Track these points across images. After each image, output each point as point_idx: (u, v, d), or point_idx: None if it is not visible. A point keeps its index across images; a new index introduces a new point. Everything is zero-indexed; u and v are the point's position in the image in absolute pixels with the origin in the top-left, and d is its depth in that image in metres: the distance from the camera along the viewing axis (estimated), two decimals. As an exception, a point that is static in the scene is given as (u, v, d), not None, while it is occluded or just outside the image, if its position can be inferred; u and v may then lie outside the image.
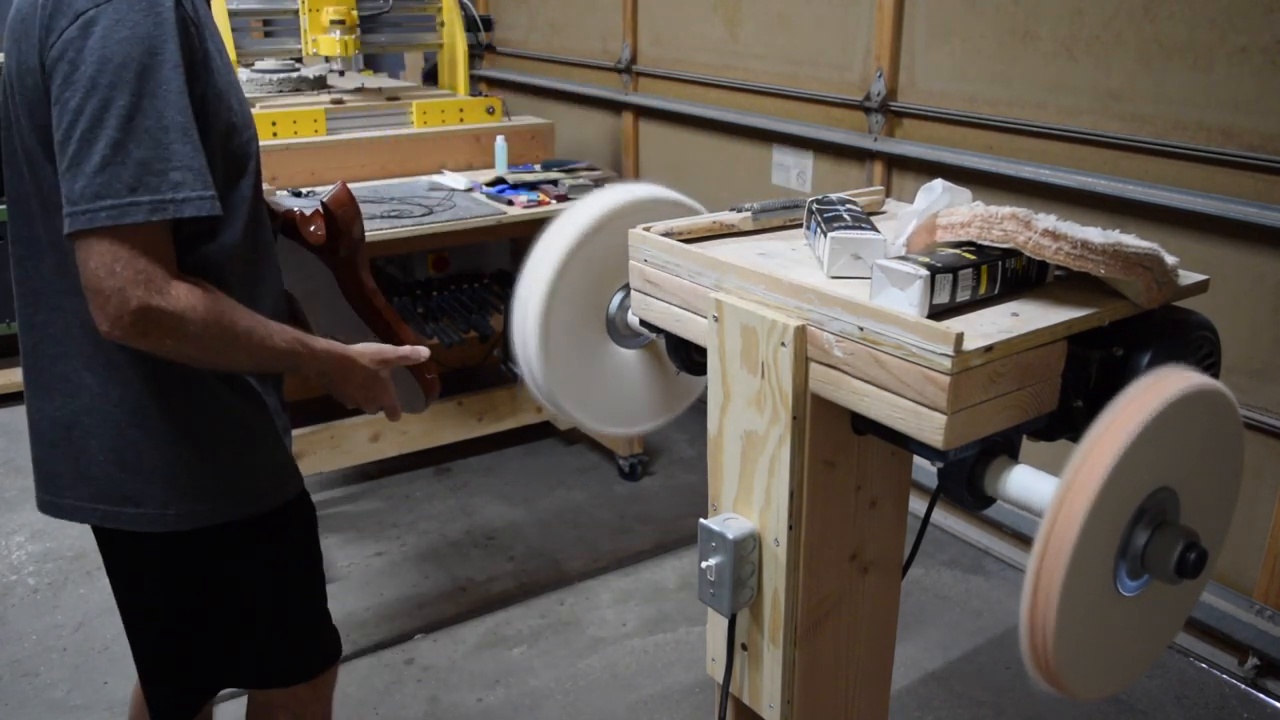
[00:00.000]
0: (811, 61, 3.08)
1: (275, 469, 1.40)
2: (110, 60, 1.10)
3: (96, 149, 1.09)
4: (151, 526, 1.30)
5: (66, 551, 2.90)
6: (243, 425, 1.34)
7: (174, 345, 1.17)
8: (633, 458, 3.32)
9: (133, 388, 1.26)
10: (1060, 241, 1.01)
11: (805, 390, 1.06)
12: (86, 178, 1.09)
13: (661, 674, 2.40)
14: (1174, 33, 2.20)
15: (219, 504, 1.33)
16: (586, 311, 1.46)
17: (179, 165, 1.13)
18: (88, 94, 1.10)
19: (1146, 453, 0.88)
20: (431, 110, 3.22)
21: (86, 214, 1.09)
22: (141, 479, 1.29)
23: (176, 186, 1.12)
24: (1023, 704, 2.28)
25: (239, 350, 1.22)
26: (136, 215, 1.10)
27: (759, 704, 1.22)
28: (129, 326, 1.13)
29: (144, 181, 1.11)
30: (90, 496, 1.31)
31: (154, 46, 1.12)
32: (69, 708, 2.29)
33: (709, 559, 1.15)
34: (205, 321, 1.17)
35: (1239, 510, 1.09)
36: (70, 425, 1.30)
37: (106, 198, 1.09)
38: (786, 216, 1.34)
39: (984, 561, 2.86)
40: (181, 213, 1.13)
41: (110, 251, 1.10)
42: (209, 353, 1.20)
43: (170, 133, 1.12)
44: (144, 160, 1.11)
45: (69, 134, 1.10)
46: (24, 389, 1.36)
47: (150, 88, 1.11)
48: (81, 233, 1.10)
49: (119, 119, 1.10)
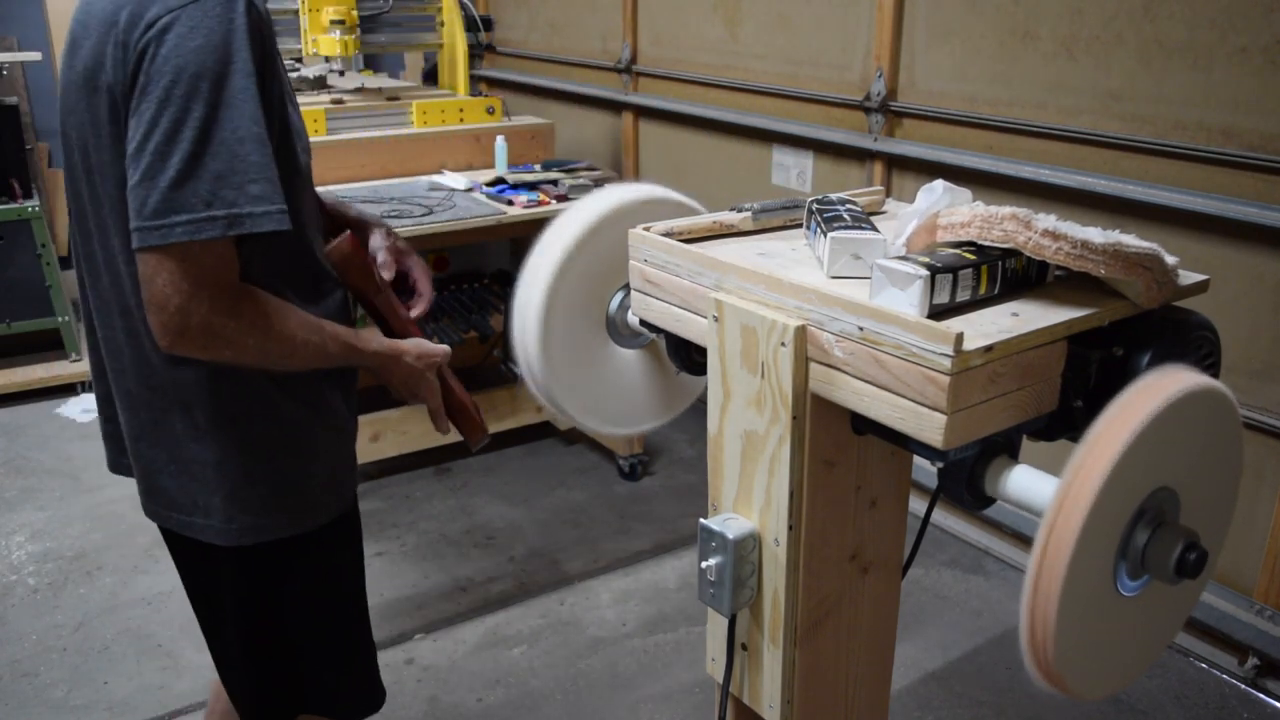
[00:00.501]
0: (811, 61, 3.08)
1: (334, 480, 1.38)
2: (185, 70, 1.08)
3: (172, 162, 1.07)
4: (219, 539, 1.30)
5: (66, 551, 2.90)
6: (303, 437, 1.33)
7: (232, 355, 1.16)
8: (633, 458, 3.32)
9: (191, 404, 1.25)
10: (1060, 241, 1.01)
11: (805, 390, 1.06)
12: (161, 192, 1.07)
13: (661, 674, 2.40)
14: (1174, 33, 2.19)
15: (280, 518, 1.31)
16: (586, 311, 1.46)
17: (255, 178, 1.11)
18: (162, 105, 1.08)
19: (1146, 453, 0.88)
20: (431, 110, 3.22)
21: (160, 229, 1.07)
22: (207, 491, 1.28)
23: (255, 200, 1.10)
24: (1023, 704, 2.28)
25: (294, 358, 1.22)
26: (212, 231, 1.08)
27: (759, 704, 1.22)
28: (190, 342, 1.12)
29: (219, 195, 1.09)
30: (164, 504, 1.31)
31: (228, 54, 1.10)
32: (69, 708, 2.29)
33: (709, 559, 1.15)
34: (265, 334, 1.16)
35: (1239, 510, 1.09)
36: (137, 438, 1.30)
37: (182, 212, 1.07)
38: (786, 216, 1.34)
39: (984, 561, 2.86)
40: (259, 227, 1.11)
41: (179, 268, 1.09)
42: (265, 360, 1.20)
43: (246, 144, 1.10)
44: (220, 173, 1.09)
45: (143, 146, 1.08)
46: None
47: (225, 97, 1.09)
48: (150, 248, 1.08)
49: (195, 131, 1.08)
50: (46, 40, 4.23)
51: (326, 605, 1.44)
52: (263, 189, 1.11)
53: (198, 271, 1.10)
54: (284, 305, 1.20)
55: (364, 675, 1.52)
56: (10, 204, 3.82)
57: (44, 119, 5.31)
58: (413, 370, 1.40)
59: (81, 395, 3.96)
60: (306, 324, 1.23)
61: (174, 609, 2.64)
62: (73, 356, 4.02)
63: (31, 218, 3.83)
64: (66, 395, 3.97)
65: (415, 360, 1.40)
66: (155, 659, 2.45)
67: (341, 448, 1.40)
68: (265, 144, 1.12)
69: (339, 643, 1.48)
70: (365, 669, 1.52)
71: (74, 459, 3.45)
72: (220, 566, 1.35)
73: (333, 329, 1.27)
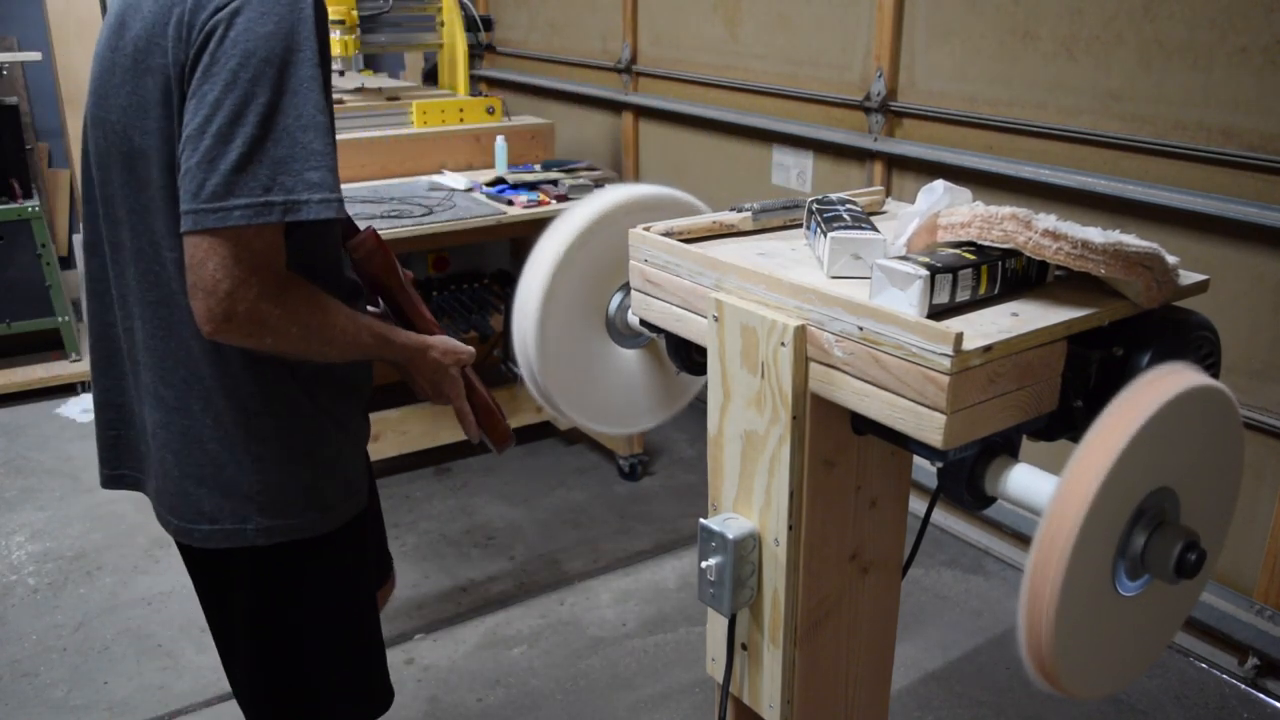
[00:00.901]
0: (811, 61, 3.08)
1: (348, 483, 1.38)
2: (253, 55, 1.07)
3: (234, 146, 1.06)
4: (227, 543, 1.29)
5: (66, 551, 2.90)
6: (323, 440, 1.32)
7: (273, 343, 1.15)
8: (633, 458, 3.32)
9: (214, 401, 1.24)
10: (1060, 241, 1.01)
11: (805, 390, 1.06)
12: (221, 175, 1.06)
13: (661, 674, 2.40)
14: (1174, 33, 2.20)
15: (296, 521, 1.31)
16: (586, 311, 1.46)
17: (316, 165, 1.10)
18: (228, 88, 1.07)
19: (1146, 452, 0.88)
20: (431, 110, 3.22)
21: (218, 212, 1.06)
22: (220, 494, 1.27)
23: (313, 187, 1.09)
24: (1023, 704, 2.28)
25: (331, 347, 1.21)
26: (270, 216, 1.08)
27: (759, 704, 1.22)
28: (235, 327, 1.11)
29: (278, 181, 1.08)
30: (168, 508, 1.31)
31: (296, 42, 1.09)
32: (69, 708, 2.29)
33: (709, 559, 1.15)
34: (307, 322, 1.16)
35: (1239, 510, 1.09)
36: (150, 435, 1.29)
37: (241, 196, 1.06)
38: (786, 216, 1.34)
39: (984, 561, 2.86)
40: (315, 215, 1.10)
41: (232, 253, 1.08)
42: (303, 348, 1.19)
43: (309, 131, 1.10)
44: (281, 159, 1.08)
45: (204, 128, 1.07)
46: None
47: (292, 84, 1.09)
48: (205, 230, 1.07)
49: (259, 116, 1.07)
50: (46, 40, 4.23)
51: (340, 607, 1.44)
52: (321, 177, 1.10)
53: (250, 257, 1.09)
54: (325, 295, 1.20)
55: (375, 675, 1.52)
56: (10, 204, 3.82)
57: (44, 119, 5.31)
58: (440, 365, 1.40)
59: (81, 395, 3.96)
60: (344, 314, 1.23)
61: (174, 609, 2.64)
62: (73, 356, 4.02)
63: (31, 218, 3.83)
64: (66, 395, 3.97)
65: (441, 355, 1.40)
66: (155, 659, 2.45)
67: (357, 452, 1.40)
68: (328, 132, 1.12)
69: (352, 644, 1.47)
70: (376, 669, 1.52)
71: (74, 459, 3.45)
72: (234, 569, 1.35)
73: (367, 320, 1.27)
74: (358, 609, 1.47)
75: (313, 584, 1.39)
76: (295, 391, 1.27)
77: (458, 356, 1.41)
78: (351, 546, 1.43)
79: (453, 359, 1.41)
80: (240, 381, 1.24)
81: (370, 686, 1.51)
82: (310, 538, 1.33)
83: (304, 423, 1.29)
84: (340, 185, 1.14)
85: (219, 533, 1.29)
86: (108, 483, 1.42)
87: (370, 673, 1.51)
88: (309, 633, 1.41)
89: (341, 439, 1.35)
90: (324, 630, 1.43)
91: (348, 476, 1.38)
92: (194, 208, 1.07)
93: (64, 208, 5.41)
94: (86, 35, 4.17)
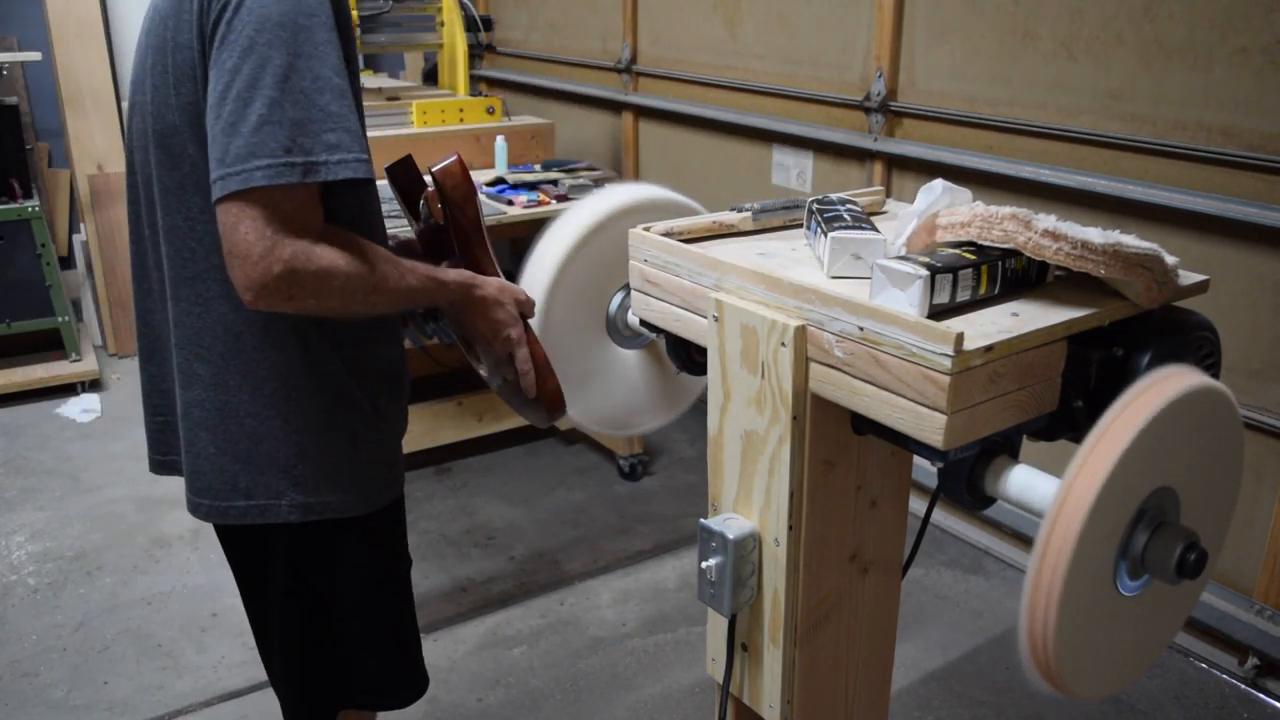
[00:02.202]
0: (811, 61, 3.08)
1: (387, 465, 1.38)
2: (268, 20, 1.09)
3: (253, 108, 1.08)
4: (262, 518, 1.29)
5: (66, 551, 2.90)
6: (363, 419, 1.32)
7: (316, 304, 1.15)
8: (633, 458, 3.32)
9: (252, 374, 1.24)
10: (1060, 241, 1.01)
11: (805, 390, 1.06)
12: (243, 137, 1.07)
13: (661, 674, 2.40)
14: (1174, 33, 2.20)
15: (332, 499, 1.30)
16: (587, 311, 1.46)
17: (334, 126, 1.11)
18: (245, 54, 1.08)
19: (1147, 453, 0.88)
20: (431, 110, 3.22)
21: (240, 174, 1.07)
22: (255, 469, 1.27)
23: (332, 148, 1.10)
24: (1023, 704, 2.28)
25: (378, 296, 1.19)
26: (290, 177, 1.08)
27: (759, 704, 1.22)
28: (273, 291, 1.10)
29: (298, 142, 1.09)
30: (197, 490, 1.30)
31: (310, 7, 1.11)
32: (69, 708, 2.29)
33: (709, 559, 1.15)
34: (348, 275, 1.14)
35: (1239, 510, 1.09)
36: (182, 416, 1.29)
37: (262, 157, 1.07)
38: (786, 216, 1.34)
39: (984, 561, 2.86)
40: (336, 175, 1.11)
41: (261, 214, 1.08)
42: (350, 304, 1.18)
43: (325, 94, 1.11)
44: (299, 120, 1.09)
45: (224, 94, 1.09)
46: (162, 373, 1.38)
47: (307, 48, 1.10)
48: (233, 195, 1.08)
49: (275, 78, 1.08)
50: (46, 40, 4.23)
51: (376, 591, 1.44)
52: (339, 138, 1.11)
53: (280, 219, 1.09)
54: (364, 243, 1.18)
55: (410, 661, 1.53)
56: (10, 204, 3.82)
57: (44, 119, 5.31)
58: (499, 303, 1.33)
59: (81, 395, 3.96)
60: (387, 259, 1.20)
61: (174, 609, 2.64)
62: (73, 356, 4.02)
63: (31, 218, 3.83)
64: (66, 395, 3.97)
65: (499, 292, 1.34)
66: (155, 659, 2.45)
67: (396, 438, 1.40)
68: (345, 95, 1.13)
69: (386, 629, 1.48)
70: (411, 655, 1.53)
71: (74, 459, 3.45)
72: (270, 548, 1.35)
73: (411, 264, 1.25)
74: (393, 593, 1.48)
75: (348, 566, 1.39)
76: (338, 368, 1.27)
77: (516, 296, 1.36)
78: (388, 530, 1.44)
79: (510, 297, 1.35)
80: (281, 355, 1.24)
81: (404, 671, 1.51)
82: (346, 519, 1.33)
83: (345, 401, 1.29)
84: (365, 147, 1.14)
85: (254, 508, 1.28)
86: (157, 468, 1.42)
87: (405, 658, 1.51)
88: (343, 615, 1.41)
89: (381, 423, 1.35)
90: (359, 614, 1.43)
91: (387, 460, 1.37)
92: (220, 173, 1.09)
93: (64, 208, 5.41)
94: (86, 35, 4.16)
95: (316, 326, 1.25)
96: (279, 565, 1.36)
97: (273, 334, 1.23)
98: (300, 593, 1.38)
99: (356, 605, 1.42)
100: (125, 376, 4.18)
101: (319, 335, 1.26)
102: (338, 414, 1.29)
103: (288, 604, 1.39)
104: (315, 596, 1.39)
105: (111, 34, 4.41)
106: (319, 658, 1.43)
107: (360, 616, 1.43)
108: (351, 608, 1.42)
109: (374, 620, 1.45)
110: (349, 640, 1.43)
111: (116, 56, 4.43)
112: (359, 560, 1.40)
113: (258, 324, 1.23)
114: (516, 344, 1.35)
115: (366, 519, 1.35)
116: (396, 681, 1.50)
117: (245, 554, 1.42)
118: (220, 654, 2.46)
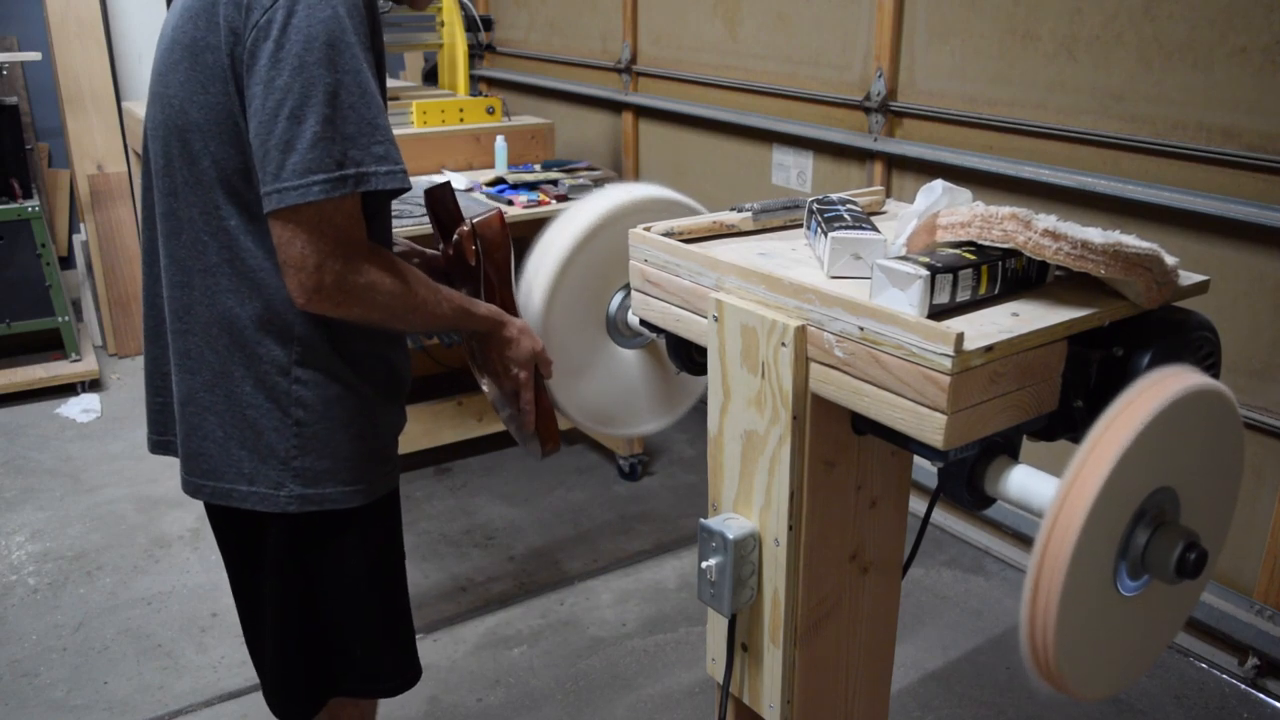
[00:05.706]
0: (811, 61, 3.08)
1: (385, 459, 1.40)
2: (315, 39, 1.13)
3: (307, 125, 1.13)
4: (262, 506, 1.32)
5: (66, 551, 2.90)
6: (362, 415, 1.35)
7: (361, 313, 1.23)
8: (633, 458, 3.32)
9: (254, 369, 1.28)
10: (1060, 241, 1.01)
11: (805, 390, 1.06)
12: (298, 154, 1.13)
13: (661, 674, 2.40)
14: (1174, 33, 2.20)
15: (330, 491, 1.33)
16: (587, 312, 1.46)
17: (380, 139, 1.17)
18: (296, 72, 1.13)
19: (1147, 453, 0.88)
20: (431, 110, 3.22)
21: (299, 189, 1.13)
22: (257, 457, 1.30)
23: (379, 160, 1.17)
24: (1023, 704, 2.28)
25: (415, 315, 1.28)
26: (345, 189, 1.14)
27: (759, 704, 1.22)
28: (325, 298, 1.18)
29: (349, 156, 1.15)
30: (200, 473, 1.33)
31: (351, 25, 1.16)
32: (69, 708, 2.29)
33: (709, 559, 1.15)
34: (391, 291, 1.23)
35: (1239, 510, 1.09)
36: (185, 401, 1.32)
37: (319, 172, 1.13)
38: (787, 216, 1.34)
39: (984, 561, 2.86)
40: (385, 185, 1.18)
41: (316, 228, 1.15)
42: (390, 319, 1.26)
43: (370, 108, 1.17)
44: (349, 135, 1.15)
45: (276, 112, 1.13)
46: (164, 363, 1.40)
47: (352, 64, 1.15)
48: (291, 208, 1.13)
49: (326, 95, 1.13)
50: (46, 40, 4.23)
51: (370, 582, 1.45)
52: (386, 150, 1.18)
53: (333, 231, 1.16)
54: (405, 265, 1.27)
55: (403, 652, 1.54)
56: (10, 204, 3.82)
57: (44, 119, 5.31)
58: (518, 342, 1.43)
59: (81, 395, 3.96)
60: (425, 284, 1.29)
61: (174, 609, 2.64)
62: (73, 356, 4.02)
63: (31, 218, 3.83)
64: (66, 395, 3.97)
65: (520, 333, 1.43)
66: (155, 659, 2.45)
67: (393, 434, 1.42)
68: (384, 109, 1.20)
69: (380, 620, 1.49)
70: (404, 647, 1.55)
71: (74, 459, 3.45)
72: (267, 536, 1.37)
73: (447, 292, 1.34)
74: (388, 585, 1.49)
75: (343, 555, 1.41)
76: (339, 366, 1.30)
77: (534, 341, 1.44)
78: (384, 523, 1.45)
79: (529, 340, 1.44)
80: (284, 351, 1.27)
81: (395, 661, 1.52)
82: (343, 510, 1.35)
83: (346, 396, 1.32)
84: (401, 157, 1.21)
85: (255, 495, 1.31)
86: (155, 448, 1.46)
87: (396, 648, 1.53)
88: (336, 603, 1.43)
89: (380, 419, 1.37)
90: (352, 601, 1.44)
91: (384, 454, 1.40)
92: (276, 187, 1.14)
93: (64, 208, 5.41)
94: (86, 35, 4.16)
95: (321, 325, 1.27)
96: (273, 551, 1.38)
97: (277, 330, 1.26)
98: (294, 579, 1.40)
99: (350, 593, 1.43)
100: (125, 377, 4.18)
101: (323, 333, 1.28)
102: (338, 410, 1.32)
103: (281, 589, 1.41)
104: (309, 582, 1.40)
105: (111, 34, 4.41)
106: (310, 643, 1.45)
107: (353, 604, 1.45)
108: (345, 595, 1.43)
109: (366, 608, 1.46)
110: (341, 627, 1.45)
111: (116, 56, 4.43)
112: (354, 549, 1.41)
113: (263, 319, 1.26)
114: (524, 386, 1.45)
115: (363, 509, 1.37)
116: (387, 671, 1.52)
117: (240, 536, 1.43)
118: (220, 654, 2.46)
